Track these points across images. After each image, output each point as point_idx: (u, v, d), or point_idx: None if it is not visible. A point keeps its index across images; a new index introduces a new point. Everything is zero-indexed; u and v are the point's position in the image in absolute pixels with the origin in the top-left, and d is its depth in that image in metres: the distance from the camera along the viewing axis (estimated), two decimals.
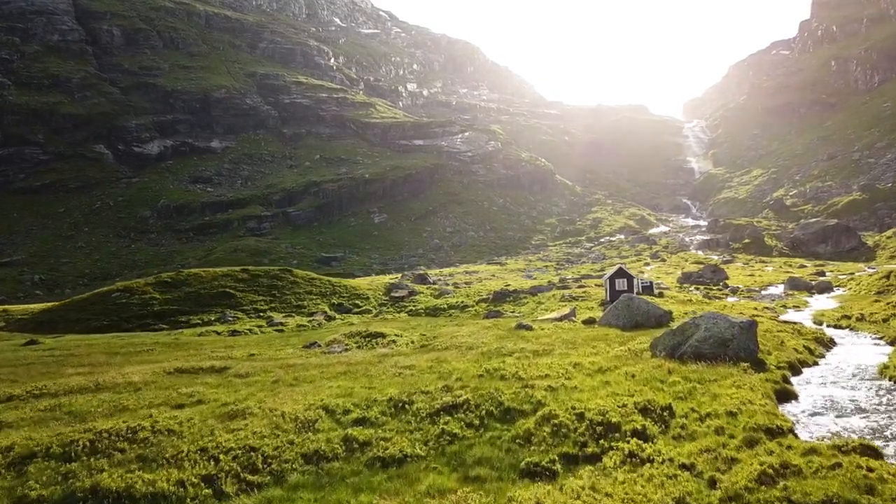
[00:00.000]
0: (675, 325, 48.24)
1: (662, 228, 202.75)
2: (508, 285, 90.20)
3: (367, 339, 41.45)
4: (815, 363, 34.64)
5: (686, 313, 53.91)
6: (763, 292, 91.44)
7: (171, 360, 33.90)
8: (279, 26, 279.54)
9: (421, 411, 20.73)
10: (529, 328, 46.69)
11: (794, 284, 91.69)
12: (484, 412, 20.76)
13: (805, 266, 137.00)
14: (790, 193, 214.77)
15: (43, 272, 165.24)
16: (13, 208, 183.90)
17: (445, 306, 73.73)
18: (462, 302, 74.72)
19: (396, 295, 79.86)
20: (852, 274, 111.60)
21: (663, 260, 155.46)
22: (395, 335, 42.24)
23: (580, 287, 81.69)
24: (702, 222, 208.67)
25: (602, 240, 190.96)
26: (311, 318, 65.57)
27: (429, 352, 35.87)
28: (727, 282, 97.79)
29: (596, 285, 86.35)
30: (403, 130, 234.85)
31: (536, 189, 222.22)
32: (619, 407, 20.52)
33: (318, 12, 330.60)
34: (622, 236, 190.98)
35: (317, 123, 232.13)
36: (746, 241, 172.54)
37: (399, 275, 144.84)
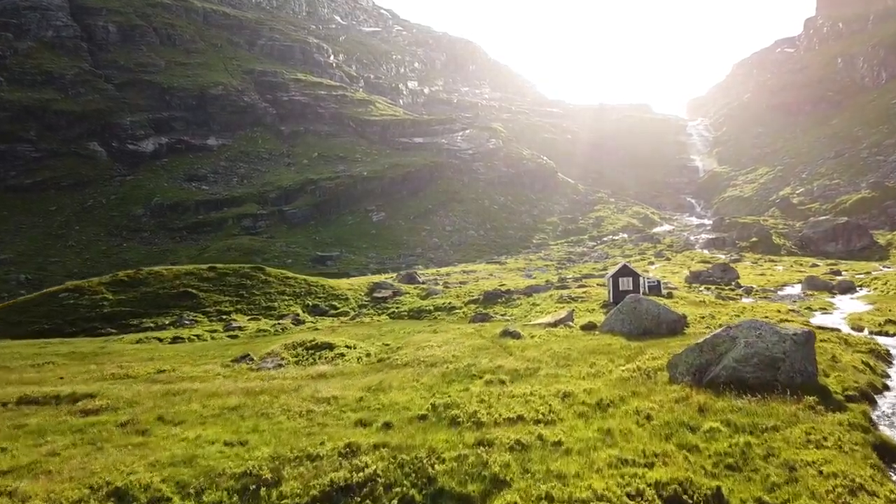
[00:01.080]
0: (691, 331, 39.09)
1: (666, 227, 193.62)
2: (503, 285, 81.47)
3: (311, 352, 33.00)
4: (885, 386, 25.64)
5: (702, 317, 44.86)
6: (780, 293, 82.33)
7: (30, 385, 25.22)
8: (278, 23, 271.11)
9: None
10: (517, 336, 37.98)
11: (813, 284, 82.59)
12: None
13: (817, 265, 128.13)
14: (797, 192, 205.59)
15: (30, 271, 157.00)
16: (3, 206, 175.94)
17: (431, 308, 65.10)
18: (449, 303, 66.04)
19: (379, 296, 71.21)
20: (869, 273, 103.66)
21: (668, 259, 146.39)
22: (347, 347, 33.66)
23: (580, 287, 72.87)
24: (706, 221, 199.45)
25: (605, 239, 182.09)
26: (277, 322, 56.97)
27: (380, 371, 27.38)
28: (739, 281, 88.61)
29: (598, 285, 77.71)
30: (403, 128, 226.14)
31: (538, 187, 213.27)
32: (629, 497, 11.61)
33: (318, 10, 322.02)
34: (625, 235, 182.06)
35: (315, 121, 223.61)
36: (754, 239, 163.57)
37: (393, 274, 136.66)
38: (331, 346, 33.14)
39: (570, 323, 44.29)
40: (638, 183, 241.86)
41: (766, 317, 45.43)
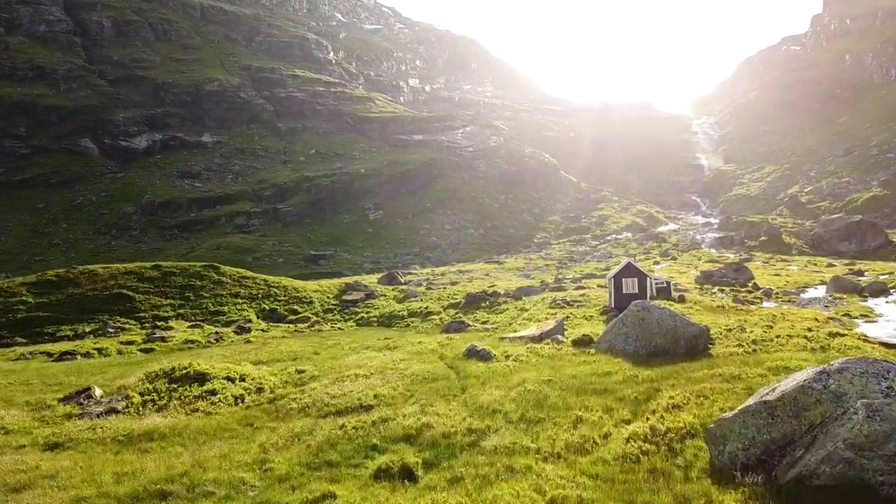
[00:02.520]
0: (718, 351, 28.45)
1: (671, 226, 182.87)
2: (493, 286, 71.24)
3: (174, 386, 22.83)
4: None
5: (728, 329, 34.47)
6: (803, 295, 71.61)
7: None
8: (277, 20, 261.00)
9: None
10: (486, 357, 27.71)
11: (840, 285, 71.82)
12: None
13: (833, 265, 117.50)
14: (805, 190, 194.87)
15: (11, 270, 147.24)
16: None
17: (405, 313, 54.94)
18: (426, 308, 55.84)
19: (349, 299, 60.99)
20: (892, 273, 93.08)
21: (674, 258, 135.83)
22: (230, 379, 23.26)
23: (578, 288, 62.47)
24: (713, 220, 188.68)
25: (608, 238, 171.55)
26: (217, 331, 46.93)
27: (246, 424, 16.78)
28: (755, 282, 77.67)
29: (598, 286, 67.35)
30: (403, 125, 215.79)
31: (540, 185, 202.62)
32: None
33: (319, 7, 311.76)
34: (629, 234, 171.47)
35: (313, 118, 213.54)
36: (763, 238, 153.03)
37: (377, 275, 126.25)
38: (203, 379, 22.89)
39: (560, 336, 33.75)
40: (642, 181, 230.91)
41: (810, 330, 34.74)
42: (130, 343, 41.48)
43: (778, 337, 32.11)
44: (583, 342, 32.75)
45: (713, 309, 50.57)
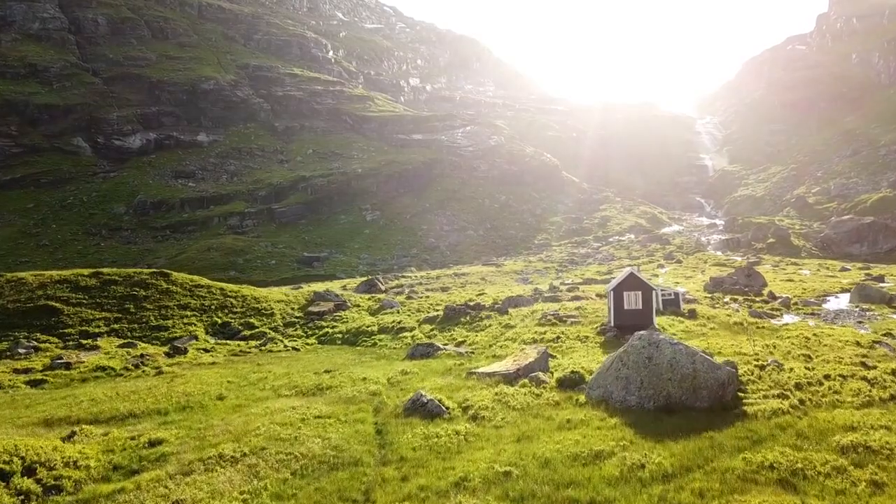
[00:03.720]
0: (753, 407, 20.25)
1: (675, 228, 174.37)
2: (482, 293, 63.65)
3: None
4: None
5: (758, 363, 26.03)
6: (825, 305, 63.20)
7: None
8: (276, 18, 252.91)
9: None
10: (435, 412, 20.34)
11: (866, 295, 63.75)
12: None
13: (847, 269, 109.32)
14: (812, 191, 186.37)
15: None
16: None
17: (374, 329, 47.05)
18: (399, 322, 47.92)
19: (315, 311, 53.04)
20: None
21: (679, 261, 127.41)
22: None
23: (574, 299, 54.30)
24: (718, 221, 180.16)
25: (611, 239, 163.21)
26: (148, 353, 38.50)
27: None
28: (770, 290, 69.18)
29: (597, 295, 59.16)
30: (402, 124, 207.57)
31: (541, 186, 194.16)
32: None
33: (319, 6, 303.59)
34: (632, 235, 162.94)
35: (311, 117, 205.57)
36: (771, 240, 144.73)
37: (360, 279, 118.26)
38: None
39: (542, 374, 25.53)
40: (645, 182, 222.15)
41: (865, 365, 26.76)
42: (27, 371, 33.45)
43: (828, 378, 23.87)
44: (571, 383, 24.58)
45: (730, 326, 42.20)
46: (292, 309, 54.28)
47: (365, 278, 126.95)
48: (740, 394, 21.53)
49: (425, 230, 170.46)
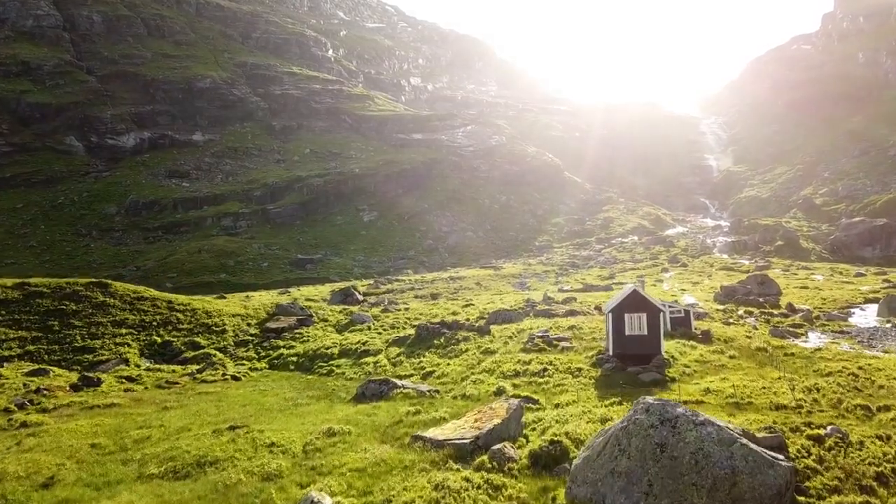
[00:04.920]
0: None
1: (680, 229, 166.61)
2: (471, 303, 56.04)
3: None
4: None
5: (807, 421, 17.51)
6: (853, 320, 55.87)
7: None
8: (275, 16, 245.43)
9: None
10: None
11: None
12: None
13: (863, 274, 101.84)
14: (820, 192, 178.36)
15: None
16: None
17: (335, 351, 40.01)
18: (365, 344, 40.80)
19: (274, 326, 45.90)
20: None
21: (684, 265, 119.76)
22: None
23: (570, 314, 46.82)
24: (723, 222, 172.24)
25: (613, 241, 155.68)
26: (48, 385, 31.21)
27: None
28: (788, 301, 61.48)
29: (596, 308, 51.33)
30: (402, 124, 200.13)
31: (543, 186, 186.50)
32: None
33: (320, 4, 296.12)
34: (635, 237, 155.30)
35: (309, 116, 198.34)
36: (779, 243, 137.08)
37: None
38: None
39: (510, 447, 17.89)
40: (649, 182, 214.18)
41: None
42: None
43: None
44: (549, 460, 17.16)
45: (753, 354, 34.43)
46: (248, 324, 47.01)
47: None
48: (801, 498, 13.90)
49: (424, 231, 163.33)
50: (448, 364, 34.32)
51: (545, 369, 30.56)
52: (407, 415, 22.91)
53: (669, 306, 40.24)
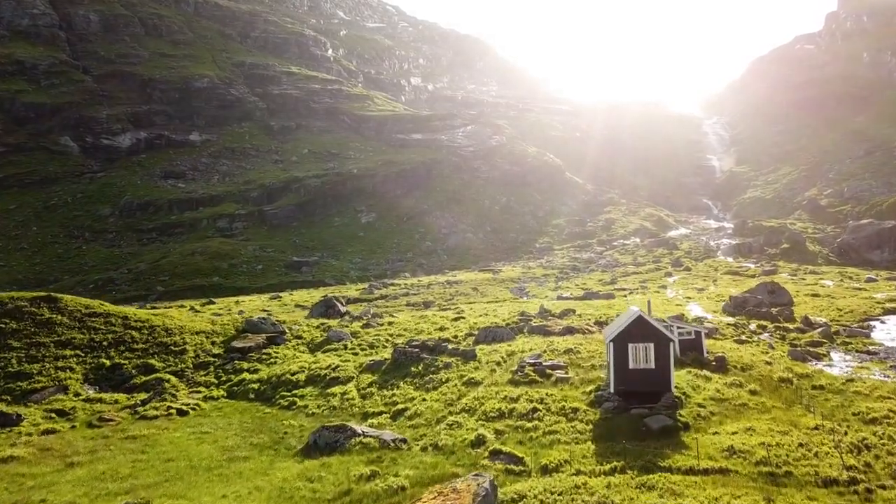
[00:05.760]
0: None
1: (682, 231, 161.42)
2: (461, 315, 51.24)
3: None
4: None
5: None
6: (875, 335, 50.89)
7: None
8: (275, 16, 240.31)
9: None
10: None
11: None
12: None
13: (874, 279, 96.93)
14: (825, 193, 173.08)
15: None
16: None
17: (302, 378, 35.54)
18: (336, 368, 36.37)
19: (240, 346, 41.17)
20: None
21: (688, 269, 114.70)
22: None
23: (567, 331, 42.03)
24: (726, 224, 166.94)
25: (615, 243, 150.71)
26: None
27: None
28: (803, 314, 56.26)
29: (596, 323, 46.29)
30: (401, 124, 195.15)
31: (544, 187, 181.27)
32: None
33: (320, 4, 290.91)
34: (637, 239, 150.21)
35: (308, 116, 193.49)
36: (785, 246, 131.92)
37: (351, 286, 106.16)
38: None
39: None
40: (651, 183, 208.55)
41: None
42: None
43: None
44: None
45: (777, 387, 29.35)
46: (213, 343, 42.19)
47: (365, 284, 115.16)
48: None
49: (423, 233, 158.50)
50: (424, 399, 29.42)
51: (535, 409, 25.64)
52: (359, 480, 18.08)
53: (679, 327, 35.18)
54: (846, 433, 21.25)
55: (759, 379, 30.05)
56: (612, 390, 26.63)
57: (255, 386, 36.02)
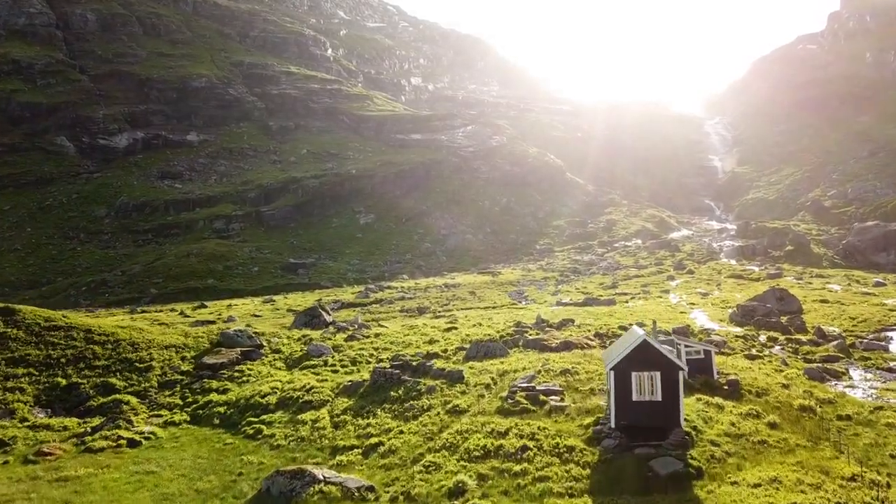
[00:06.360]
0: None
1: (685, 232, 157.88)
2: (454, 326, 47.82)
3: None
4: None
5: None
6: (892, 347, 47.06)
7: None
8: (274, 15, 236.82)
9: None
10: None
11: None
12: None
13: (882, 283, 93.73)
14: (828, 194, 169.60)
15: None
16: None
17: (273, 401, 32.43)
18: (311, 390, 33.40)
19: (212, 362, 37.98)
20: None
21: (691, 272, 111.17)
22: None
23: (564, 346, 38.71)
24: (729, 225, 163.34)
25: (616, 245, 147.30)
26: None
27: None
28: (813, 321, 52.87)
29: (596, 335, 42.70)
30: (401, 124, 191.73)
31: (545, 188, 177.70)
32: None
33: (321, 4, 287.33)
34: (639, 241, 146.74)
35: (307, 116, 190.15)
36: (789, 248, 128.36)
37: (348, 288, 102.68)
38: None
39: None
40: (652, 184, 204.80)
41: None
42: None
43: None
44: None
45: (798, 418, 26.02)
46: (182, 359, 38.85)
47: (361, 287, 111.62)
48: None
49: (422, 234, 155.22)
50: (402, 430, 26.07)
51: (524, 448, 22.25)
52: None
53: (686, 345, 31.66)
54: (889, 485, 17.80)
55: (777, 407, 26.60)
56: (612, 425, 23.15)
57: (222, 409, 32.66)
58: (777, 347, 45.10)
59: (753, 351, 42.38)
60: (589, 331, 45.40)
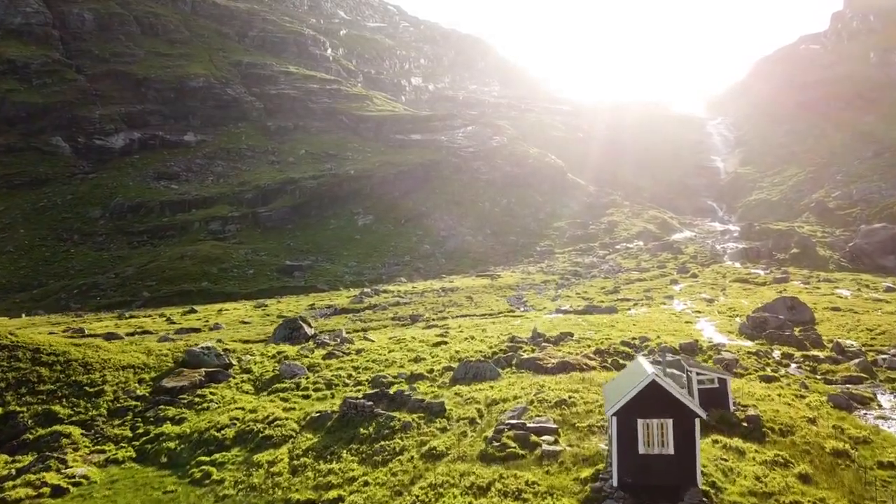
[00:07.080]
0: None
1: (687, 234, 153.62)
2: (444, 339, 44.10)
3: None
4: None
5: None
6: None
7: None
8: (273, 15, 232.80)
9: None
10: None
11: None
12: None
13: (893, 288, 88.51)
14: (833, 195, 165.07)
15: None
16: None
17: (230, 436, 28.53)
18: (273, 422, 28.76)
19: (171, 385, 34.24)
20: None
21: (694, 276, 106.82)
22: None
23: (562, 367, 34.73)
24: (732, 227, 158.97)
25: (618, 246, 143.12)
26: None
27: None
28: (827, 333, 48.71)
29: (596, 353, 38.63)
30: (401, 124, 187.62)
31: (545, 189, 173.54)
32: None
33: (321, 4, 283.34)
34: (641, 242, 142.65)
35: (306, 116, 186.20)
36: (795, 250, 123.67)
37: (344, 291, 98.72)
38: None
39: None
40: (654, 184, 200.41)
41: None
42: None
43: None
44: None
45: (831, 465, 22.47)
46: (140, 381, 34.91)
47: (358, 290, 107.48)
48: None
49: (421, 235, 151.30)
50: (367, 480, 22.03)
51: None
52: None
53: (698, 372, 27.50)
54: None
55: (806, 451, 22.52)
56: (614, 483, 19.04)
57: (172, 445, 28.59)
58: (793, 366, 40.98)
59: (769, 371, 38.26)
60: (589, 346, 41.34)
